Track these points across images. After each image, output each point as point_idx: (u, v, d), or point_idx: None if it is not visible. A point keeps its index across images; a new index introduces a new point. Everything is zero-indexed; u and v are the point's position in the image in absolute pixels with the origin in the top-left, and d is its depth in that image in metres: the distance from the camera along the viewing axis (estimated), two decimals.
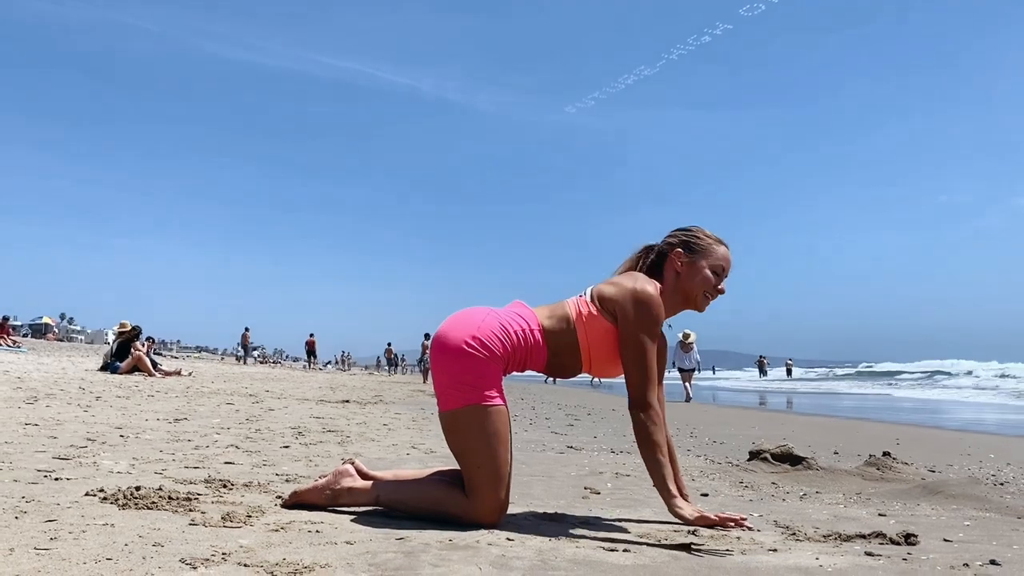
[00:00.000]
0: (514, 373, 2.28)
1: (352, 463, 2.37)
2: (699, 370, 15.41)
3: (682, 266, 2.35)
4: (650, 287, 2.23)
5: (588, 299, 2.30)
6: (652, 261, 2.43)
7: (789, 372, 39.41)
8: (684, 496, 2.25)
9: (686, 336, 14.89)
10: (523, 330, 2.24)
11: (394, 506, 2.24)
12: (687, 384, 14.74)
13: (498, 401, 2.17)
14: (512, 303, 2.38)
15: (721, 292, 2.38)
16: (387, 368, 35.28)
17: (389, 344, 35.77)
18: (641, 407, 2.17)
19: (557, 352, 2.28)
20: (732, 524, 2.03)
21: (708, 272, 2.34)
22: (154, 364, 12.22)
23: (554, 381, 22.80)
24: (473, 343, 2.16)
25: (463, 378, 2.16)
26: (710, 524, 2.13)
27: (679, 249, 2.37)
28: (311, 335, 31.11)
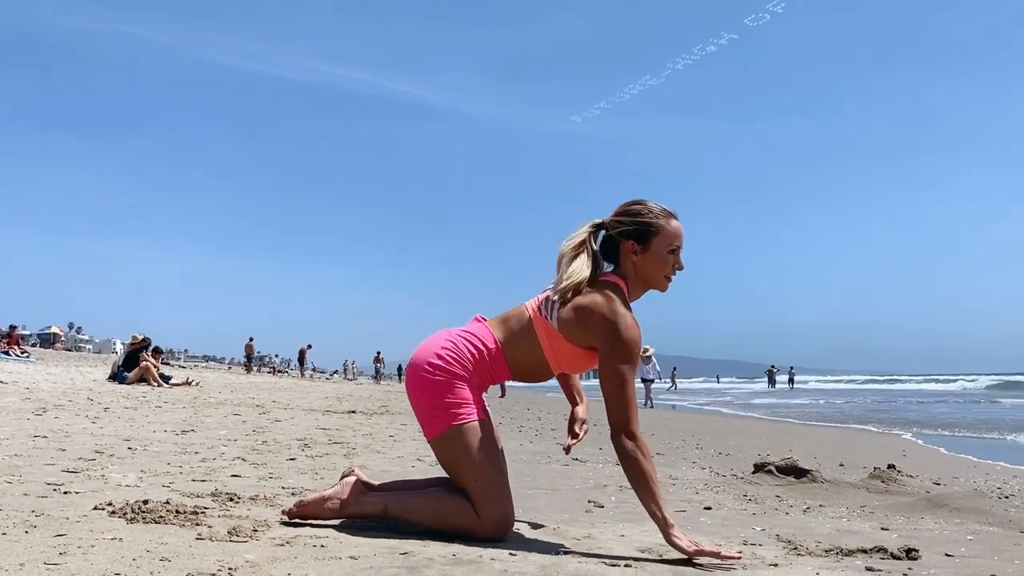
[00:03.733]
0: (510, 384, 2.31)
1: (353, 473, 2.39)
2: (660, 379, 17.94)
3: (638, 257, 2.29)
4: (628, 315, 2.19)
5: (548, 315, 2.25)
6: (605, 245, 2.36)
7: (791, 381, 39.25)
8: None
9: (644, 350, 17.13)
10: (476, 348, 2.26)
11: (402, 518, 2.25)
12: (648, 394, 16.87)
13: (473, 417, 2.21)
14: (472, 319, 2.40)
15: (680, 268, 2.32)
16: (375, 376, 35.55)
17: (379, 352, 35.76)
18: (628, 435, 2.10)
19: (521, 360, 2.29)
20: (730, 559, 1.97)
21: (665, 254, 2.28)
22: (165, 378, 12.25)
23: (503, 395, 21.44)
24: (430, 368, 2.22)
25: (434, 403, 2.21)
26: (707, 556, 2.00)
27: (631, 242, 2.29)
28: (308, 345, 32.26)
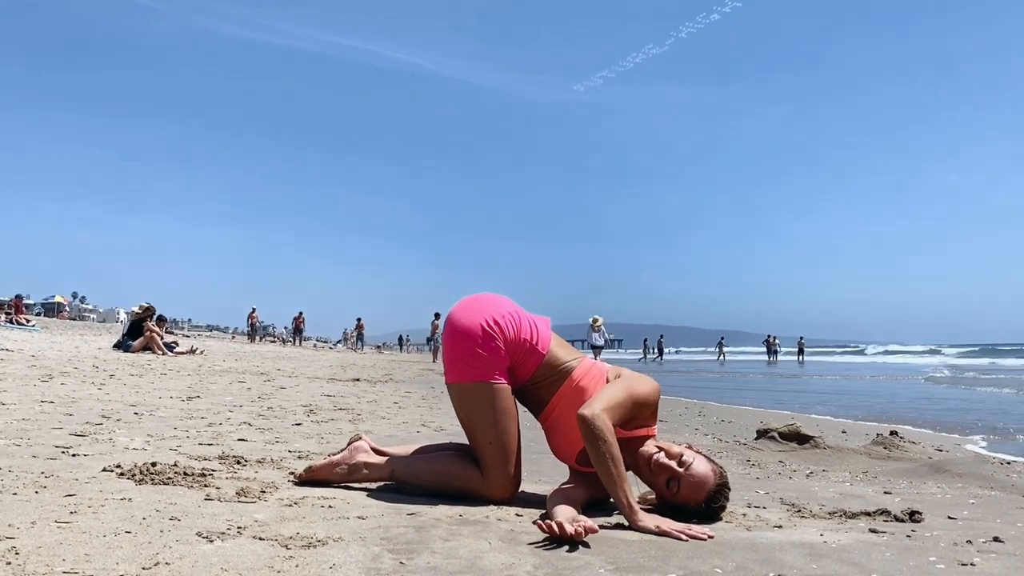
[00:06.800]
0: None
1: (361, 439, 2.41)
2: (607, 346, 20.13)
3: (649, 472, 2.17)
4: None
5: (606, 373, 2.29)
6: None
7: (801, 352, 38.85)
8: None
9: (595, 320, 19.49)
10: (530, 338, 2.26)
11: (408, 481, 2.28)
12: (598, 359, 18.26)
13: (504, 382, 2.22)
14: (541, 316, 2.40)
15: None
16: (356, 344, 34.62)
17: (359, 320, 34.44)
18: (596, 413, 2.02)
19: (536, 382, 2.28)
20: (704, 537, 1.87)
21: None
22: (170, 347, 12.28)
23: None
24: (495, 325, 2.22)
25: (477, 355, 2.20)
26: (672, 535, 1.86)
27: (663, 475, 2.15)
28: (300, 313, 31.96)
